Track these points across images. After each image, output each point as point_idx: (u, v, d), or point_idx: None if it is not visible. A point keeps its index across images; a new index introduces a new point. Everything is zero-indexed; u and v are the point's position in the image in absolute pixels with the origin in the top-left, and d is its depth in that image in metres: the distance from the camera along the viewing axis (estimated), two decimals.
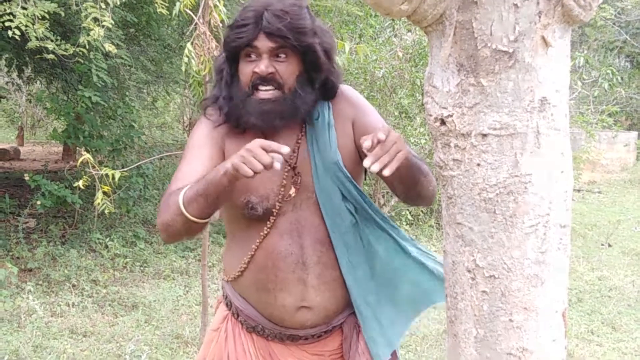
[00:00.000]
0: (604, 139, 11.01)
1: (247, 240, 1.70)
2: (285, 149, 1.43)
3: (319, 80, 1.65)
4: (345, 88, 1.79)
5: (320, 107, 1.69)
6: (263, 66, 1.58)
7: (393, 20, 6.42)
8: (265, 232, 1.67)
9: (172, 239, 1.61)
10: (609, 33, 12.79)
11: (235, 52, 1.61)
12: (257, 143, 1.43)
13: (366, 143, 1.41)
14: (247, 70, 1.61)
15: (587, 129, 6.50)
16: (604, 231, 7.12)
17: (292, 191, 1.67)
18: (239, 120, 1.64)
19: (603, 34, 12.64)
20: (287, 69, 1.61)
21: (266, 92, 1.59)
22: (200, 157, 1.65)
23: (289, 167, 1.68)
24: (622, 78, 9.33)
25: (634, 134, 12.50)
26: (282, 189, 1.66)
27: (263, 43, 1.57)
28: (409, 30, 6.10)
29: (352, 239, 1.69)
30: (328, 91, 1.70)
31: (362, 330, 1.74)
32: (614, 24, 12.19)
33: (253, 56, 1.60)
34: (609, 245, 6.70)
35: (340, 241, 1.68)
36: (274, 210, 1.66)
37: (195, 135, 1.70)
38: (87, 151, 3.07)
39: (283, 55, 1.60)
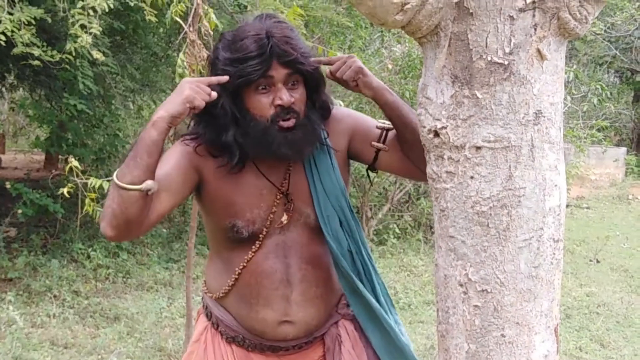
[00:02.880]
0: (593, 154, 11.09)
1: (232, 261, 1.68)
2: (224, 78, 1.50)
3: (318, 102, 1.65)
4: (341, 109, 1.80)
5: None
6: (285, 97, 1.54)
7: (382, 31, 6.44)
8: (251, 255, 1.66)
9: (116, 230, 1.45)
10: (599, 48, 12.93)
11: (243, 85, 1.54)
12: (191, 79, 1.49)
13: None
14: (263, 102, 1.55)
15: (576, 143, 6.54)
16: (593, 247, 7.15)
17: (285, 218, 1.65)
18: (264, 153, 1.58)
19: (593, 48, 12.79)
20: (301, 96, 1.59)
21: (288, 122, 1.56)
22: (168, 161, 1.57)
23: (280, 194, 1.65)
24: (611, 93, 9.45)
25: (623, 149, 12.62)
26: (272, 215, 1.64)
27: (278, 72, 1.53)
28: (399, 42, 6.11)
29: (351, 263, 1.69)
30: (325, 112, 1.69)
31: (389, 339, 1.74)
32: (603, 39, 12.34)
33: (265, 87, 1.55)
34: (598, 261, 6.72)
35: (345, 262, 1.67)
36: (260, 234, 1.64)
37: (173, 147, 1.66)
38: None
39: (295, 82, 1.57)
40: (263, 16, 1.58)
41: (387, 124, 1.68)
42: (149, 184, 1.42)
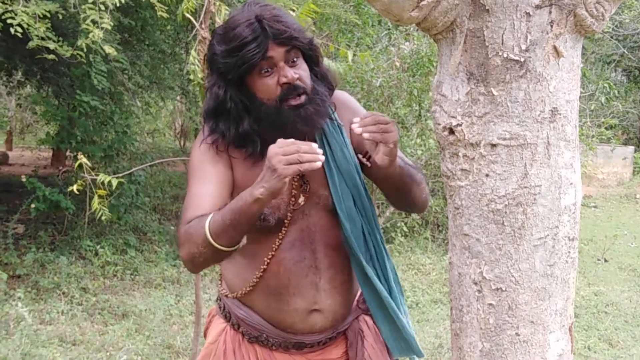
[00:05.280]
0: (601, 153, 11.05)
1: (257, 253, 1.66)
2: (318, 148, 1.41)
3: (320, 73, 1.65)
4: (342, 93, 1.80)
5: None
6: (289, 73, 1.54)
7: (390, 29, 6.43)
8: (278, 243, 1.64)
9: (199, 268, 1.61)
10: (607, 46, 12.90)
11: (246, 72, 1.55)
12: (286, 142, 1.40)
13: (356, 118, 1.47)
14: (269, 83, 1.55)
15: (586, 142, 6.53)
16: (600, 246, 7.12)
17: (302, 199, 1.65)
18: (280, 134, 1.53)
19: (600, 47, 12.76)
20: (305, 71, 1.60)
21: (297, 99, 1.56)
22: (209, 176, 1.60)
23: (298, 176, 1.65)
24: (618, 92, 9.41)
25: (631, 148, 12.53)
26: (293, 199, 1.64)
27: (276, 51, 1.53)
28: (407, 40, 6.10)
29: (363, 244, 1.68)
30: (329, 83, 1.68)
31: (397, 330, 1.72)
32: (611, 37, 12.30)
33: (267, 69, 1.55)
34: (605, 261, 6.70)
35: (357, 244, 1.65)
36: (285, 220, 1.63)
37: (197, 155, 1.65)
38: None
39: (295, 59, 1.58)
40: (249, 3, 1.59)
41: None
42: (243, 242, 1.53)
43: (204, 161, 1.62)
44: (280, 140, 1.42)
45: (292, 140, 1.41)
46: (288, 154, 1.38)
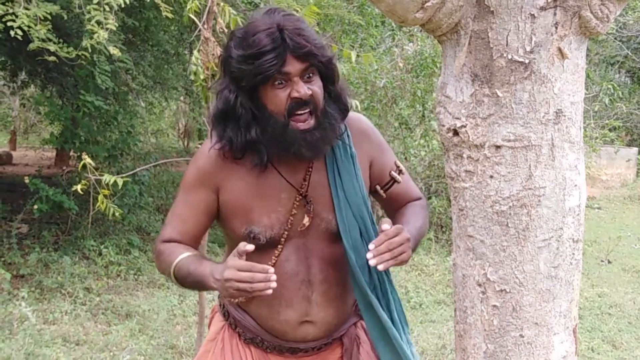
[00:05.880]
0: (604, 154, 11.01)
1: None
2: (271, 272, 1.46)
3: (334, 93, 1.62)
4: (361, 119, 1.78)
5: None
6: (302, 90, 1.51)
7: (393, 30, 6.43)
8: (273, 260, 1.63)
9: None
10: (610, 48, 12.88)
11: (261, 82, 1.52)
12: (243, 266, 1.45)
13: (371, 246, 1.51)
14: (280, 96, 1.52)
15: (590, 143, 6.52)
16: (604, 247, 7.11)
17: (306, 220, 1.63)
18: (283, 151, 1.56)
19: (604, 48, 12.74)
20: (319, 89, 1.56)
21: (305, 122, 1.53)
22: (190, 204, 1.67)
23: (300, 196, 1.63)
24: (622, 93, 9.38)
25: (635, 149, 12.50)
26: (292, 218, 1.63)
27: (294, 66, 1.50)
28: (410, 41, 6.10)
29: (367, 275, 1.66)
30: (342, 105, 1.65)
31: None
32: (615, 38, 12.28)
33: (281, 81, 1.52)
34: (609, 262, 6.69)
35: (362, 273, 1.64)
36: (281, 239, 1.63)
37: (190, 174, 1.68)
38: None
39: (311, 75, 1.54)
40: (272, 10, 1.56)
41: (399, 172, 1.73)
42: None
43: (197, 182, 1.67)
44: (236, 262, 1.46)
45: (249, 264, 1.45)
46: (242, 280, 1.44)
